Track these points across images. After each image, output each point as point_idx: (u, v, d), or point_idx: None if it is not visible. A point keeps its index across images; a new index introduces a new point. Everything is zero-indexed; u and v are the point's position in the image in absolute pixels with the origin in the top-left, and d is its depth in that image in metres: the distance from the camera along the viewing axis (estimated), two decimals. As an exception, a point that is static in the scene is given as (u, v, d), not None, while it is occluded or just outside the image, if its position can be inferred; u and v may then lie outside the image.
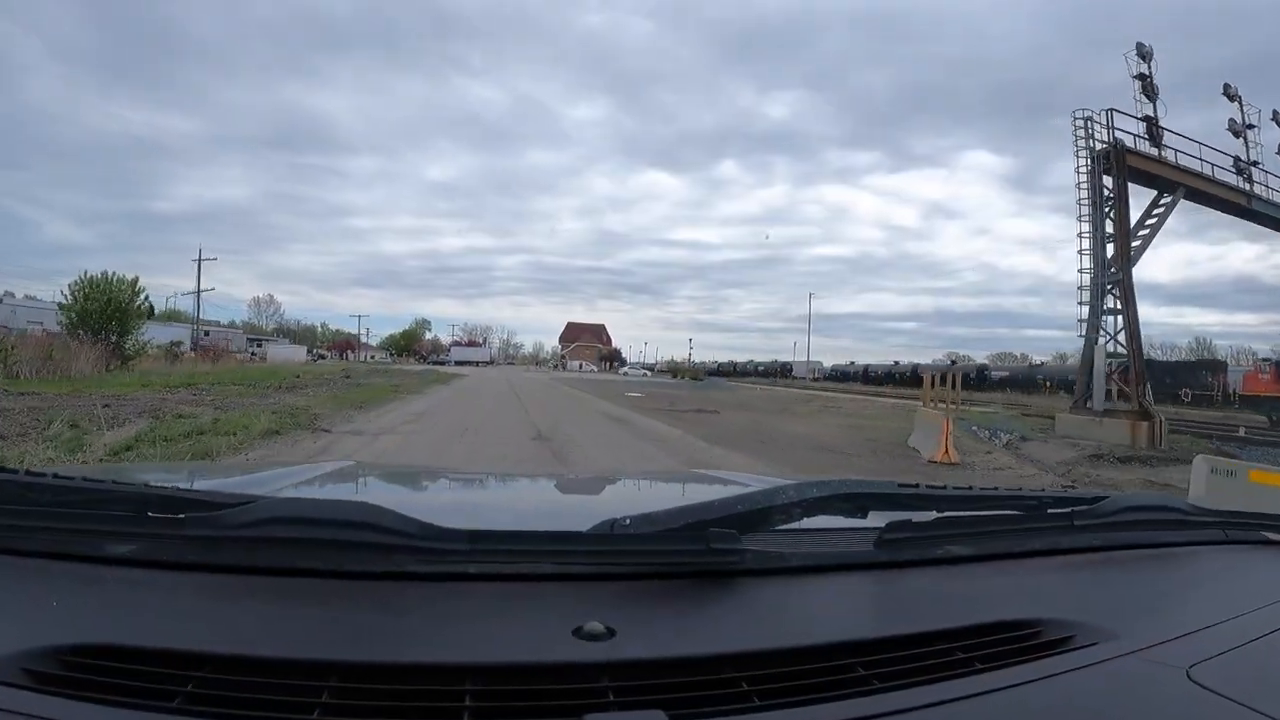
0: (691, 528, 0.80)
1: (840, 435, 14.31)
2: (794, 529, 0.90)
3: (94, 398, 12.52)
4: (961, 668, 0.71)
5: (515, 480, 2.16)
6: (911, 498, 0.96)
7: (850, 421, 17.95)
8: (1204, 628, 0.82)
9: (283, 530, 0.76)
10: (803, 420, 18.50)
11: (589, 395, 25.70)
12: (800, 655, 0.70)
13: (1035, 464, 11.28)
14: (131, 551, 0.77)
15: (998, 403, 27.56)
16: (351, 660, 0.64)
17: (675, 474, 4.24)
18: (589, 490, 1.92)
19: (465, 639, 0.69)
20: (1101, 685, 0.70)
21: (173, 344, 38.37)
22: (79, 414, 10.20)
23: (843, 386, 53.83)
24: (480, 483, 2.06)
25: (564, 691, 0.63)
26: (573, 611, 0.72)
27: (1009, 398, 32.51)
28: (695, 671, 0.66)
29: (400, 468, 3.39)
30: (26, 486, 0.80)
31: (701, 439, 12.41)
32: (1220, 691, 0.68)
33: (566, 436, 11.59)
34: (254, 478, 1.42)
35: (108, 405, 11.58)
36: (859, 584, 0.90)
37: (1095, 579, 1.01)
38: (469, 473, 2.94)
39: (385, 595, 0.76)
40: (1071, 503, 1.05)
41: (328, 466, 1.85)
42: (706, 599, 0.79)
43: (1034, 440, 14.41)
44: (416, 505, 1.51)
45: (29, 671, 0.60)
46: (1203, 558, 1.14)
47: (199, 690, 0.60)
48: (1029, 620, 0.81)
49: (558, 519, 1.42)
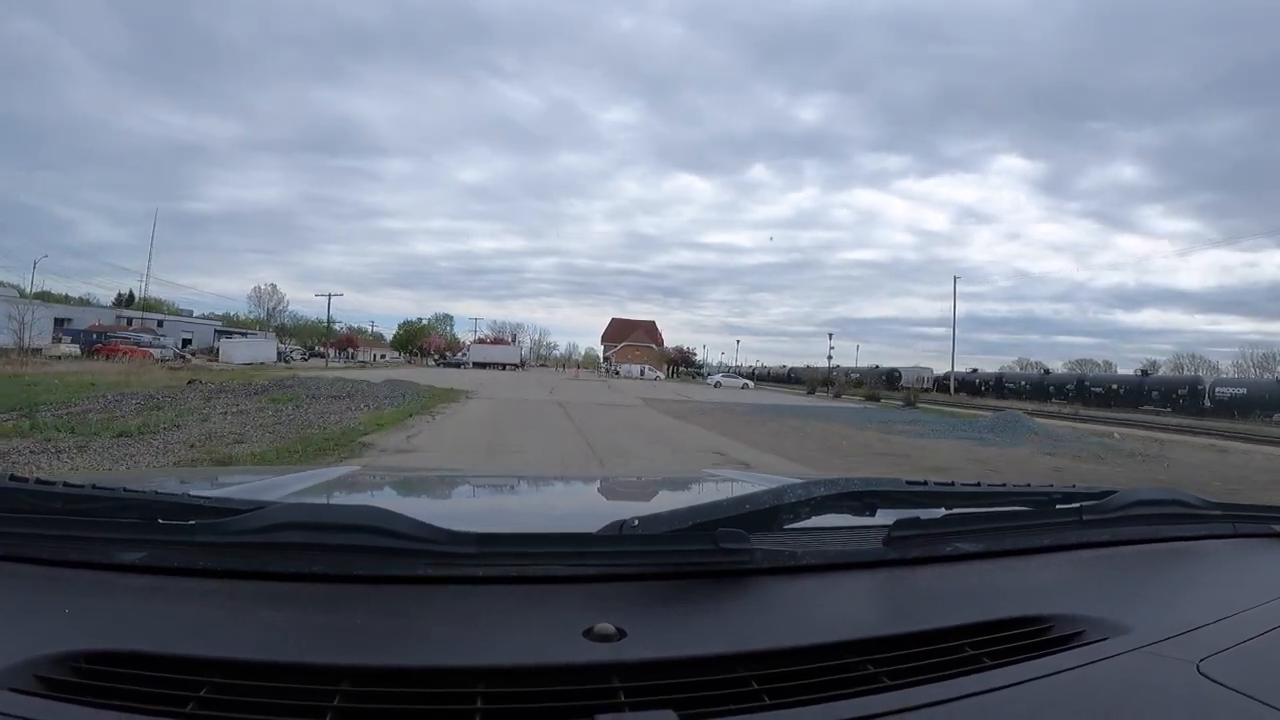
0: (700, 528, 0.80)
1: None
2: (802, 528, 0.90)
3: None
4: (972, 664, 0.71)
5: (523, 483, 2.16)
6: (919, 495, 0.96)
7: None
8: (1214, 621, 0.82)
9: (292, 535, 0.76)
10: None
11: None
12: (810, 654, 0.70)
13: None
14: (142, 558, 0.77)
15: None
16: (363, 664, 0.64)
17: (683, 475, 4.24)
18: (597, 492, 1.93)
19: (475, 641, 0.69)
20: (1112, 680, 0.69)
21: (57, 338, 32.55)
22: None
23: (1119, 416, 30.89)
24: (489, 486, 2.06)
25: (575, 693, 0.63)
26: (582, 613, 0.72)
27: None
28: (705, 671, 0.66)
29: (409, 471, 3.40)
30: (37, 495, 0.81)
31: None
32: (1231, 685, 0.67)
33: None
34: (263, 484, 1.42)
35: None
36: (868, 582, 0.90)
37: (1105, 574, 1.01)
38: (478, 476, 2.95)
39: (395, 599, 0.76)
40: (1080, 498, 1.05)
41: (336, 472, 1.85)
42: (716, 599, 0.79)
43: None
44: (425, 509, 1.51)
45: (41, 678, 0.60)
46: (1212, 551, 1.14)
47: (211, 695, 0.61)
48: (1039, 616, 0.81)
49: (566, 521, 1.42)
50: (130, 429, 9.18)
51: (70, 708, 0.58)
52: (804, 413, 23.14)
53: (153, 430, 9.40)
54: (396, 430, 11.20)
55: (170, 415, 11.12)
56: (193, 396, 14.90)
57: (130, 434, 8.84)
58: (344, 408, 14.44)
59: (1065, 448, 15.02)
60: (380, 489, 1.81)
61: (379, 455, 8.42)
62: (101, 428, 9.21)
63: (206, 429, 9.92)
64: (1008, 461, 12.20)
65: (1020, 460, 12.55)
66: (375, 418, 12.60)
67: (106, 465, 6.96)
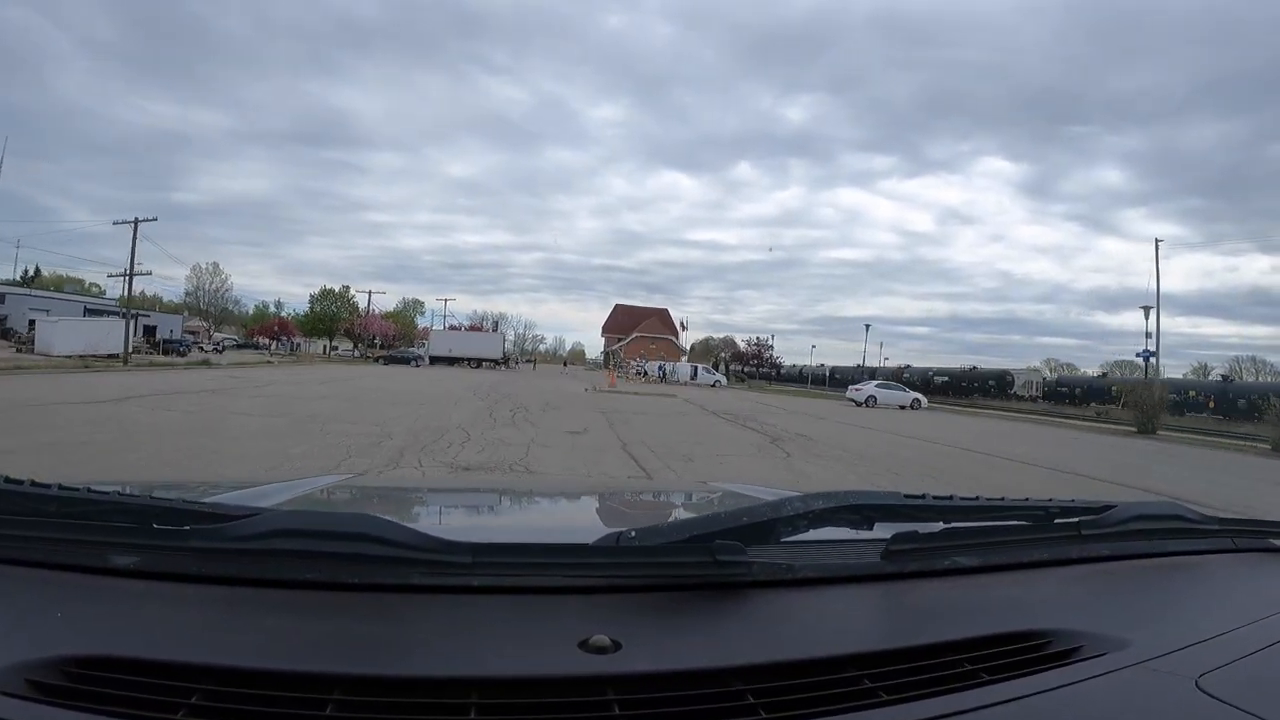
0: (697, 540, 0.80)
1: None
2: (800, 541, 0.89)
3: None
4: (970, 679, 0.71)
5: (520, 493, 2.16)
6: (917, 509, 0.96)
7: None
8: (1213, 637, 0.81)
9: (287, 543, 0.76)
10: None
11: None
12: (807, 668, 0.70)
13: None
14: (136, 563, 0.77)
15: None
16: (356, 673, 0.64)
17: (681, 487, 4.24)
18: (594, 503, 1.92)
19: (470, 652, 0.69)
20: (1111, 696, 0.69)
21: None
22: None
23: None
24: (485, 495, 2.06)
25: (569, 705, 0.62)
26: (578, 624, 0.71)
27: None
28: (701, 684, 0.66)
29: (405, 481, 3.40)
30: (31, 497, 0.80)
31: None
32: (1230, 701, 0.67)
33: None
34: (259, 490, 1.42)
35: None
36: (866, 596, 0.89)
37: (1103, 589, 1.01)
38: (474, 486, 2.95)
39: (389, 608, 0.76)
40: (1079, 512, 1.05)
41: (333, 480, 1.85)
42: (712, 611, 0.79)
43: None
44: (421, 518, 1.51)
45: (32, 682, 0.60)
46: (1211, 566, 1.13)
47: (203, 703, 0.60)
48: (1037, 631, 0.80)
49: (562, 531, 1.42)
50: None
51: (61, 713, 0.57)
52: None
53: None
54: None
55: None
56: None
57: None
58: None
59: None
60: (376, 498, 1.80)
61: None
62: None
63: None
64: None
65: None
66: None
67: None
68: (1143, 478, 11.63)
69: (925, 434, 18.44)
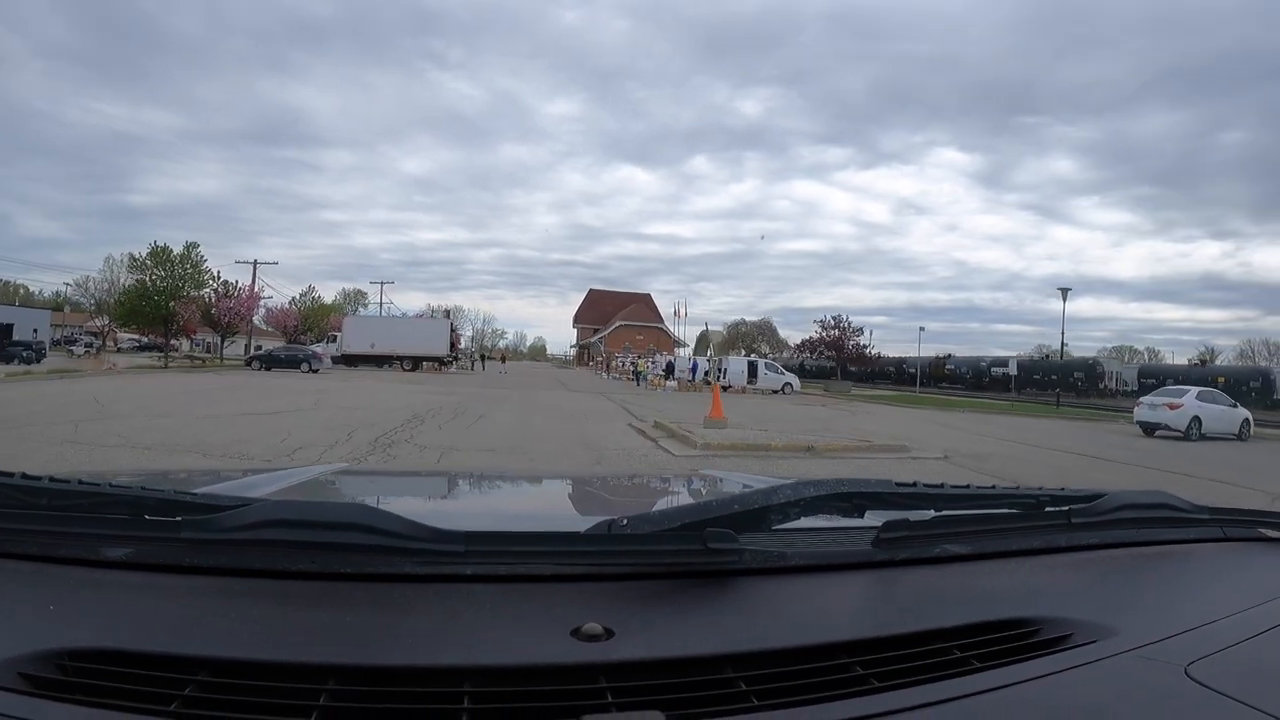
0: (688, 528, 0.80)
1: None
2: (791, 529, 0.90)
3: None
4: (959, 666, 0.71)
5: (512, 482, 2.16)
6: (908, 497, 0.96)
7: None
8: (1202, 625, 0.82)
9: (279, 533, 0.76)
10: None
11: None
12: (798, 655, 0.70)
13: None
14: (128, 555, 0.77)
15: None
16: (349, 663, 0.64)
17: (674, 475, 4.25)
18: (586, 491, 1.92)
19: (462, 640, 0.69)
20: (1100, 683, 0.70)
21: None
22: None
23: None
24: (477, 484, 2.06)
25: (562, 692, 0.63)
26: (570, 612, 0.72)
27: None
28: (693, 672, 0.66)
29: (397, 470, 3.40)
30: (22, 489, 0.80)
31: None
32: (1218, 689, 0.68)
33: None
34: (250, 480, 1.41)
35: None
36: (856, 583, 0.90)
37: (1093, 577, 1.02)
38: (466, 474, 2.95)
39: (382, 597, 0.76)
40: (1069, 501, 1.06)
41: (324, 470, 1.85)
42: (704, 599, 0.79)
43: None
44: (413, 507, 1.51)
45: (25, 676, 0.60)
46: (1200, 555, 1.14)
47: (196, 694, 0.60)
48: (1027, 618, 0.81)
49: (555, 520, 1.42)
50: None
51: (55, 705, 0.57)
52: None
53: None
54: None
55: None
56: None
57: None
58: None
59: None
60: (368, 487, 1.80)
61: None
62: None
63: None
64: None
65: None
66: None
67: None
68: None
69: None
